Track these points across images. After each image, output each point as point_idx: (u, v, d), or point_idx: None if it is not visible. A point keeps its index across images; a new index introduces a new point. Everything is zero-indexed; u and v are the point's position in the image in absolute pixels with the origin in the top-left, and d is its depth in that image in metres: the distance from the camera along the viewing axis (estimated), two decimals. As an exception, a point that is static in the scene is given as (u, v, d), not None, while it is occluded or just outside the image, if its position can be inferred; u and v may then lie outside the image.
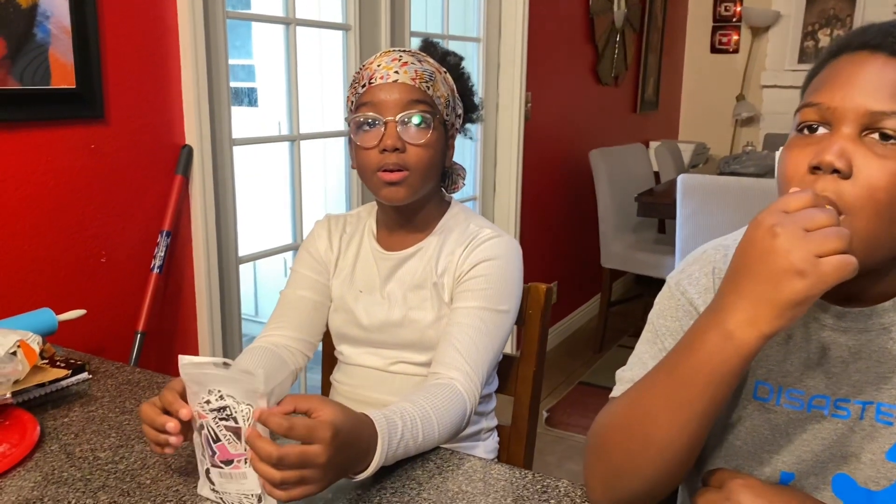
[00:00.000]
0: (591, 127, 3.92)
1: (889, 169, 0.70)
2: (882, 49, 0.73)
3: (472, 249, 1.18)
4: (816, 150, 0.72)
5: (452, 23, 2.89)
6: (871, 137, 0.72)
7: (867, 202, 0.70)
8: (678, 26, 4.97)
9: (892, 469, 0.78)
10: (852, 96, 0.72)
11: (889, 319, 0.78)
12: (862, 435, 0.79)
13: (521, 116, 3.15)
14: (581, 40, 3.68)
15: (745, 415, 0.85)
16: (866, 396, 0.79)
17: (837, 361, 0.80)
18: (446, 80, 1.20)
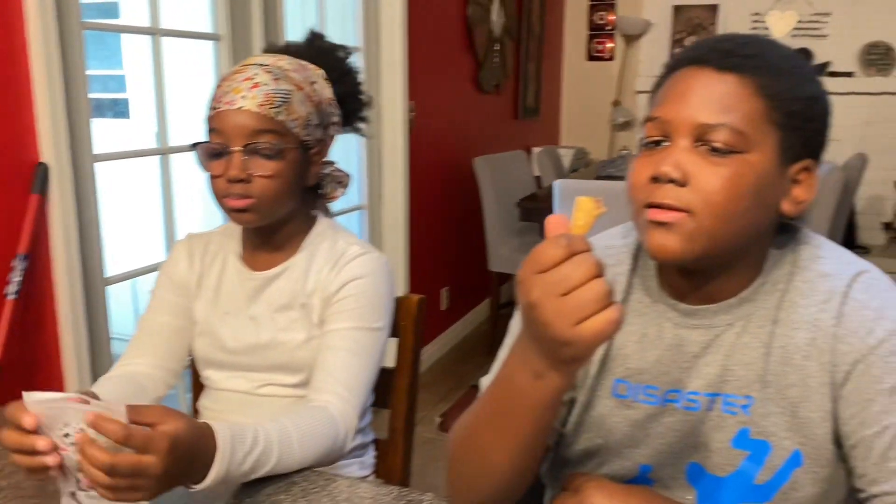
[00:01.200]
0: (475, 134, 3.97)
1: (721, 174, 0.75)
2: (710, 64, 0.78)
3: (340, 269, 1.16)
4: (656, 162, 0.77)
5: (330, 30, 2.85)
6: (704, 148, 0.76)
7: (705, 205, 0.75)
8: (555, 35, 5.12)
9: (736, 456, 0.83)
10: (684, 110, 0.77)
11: (734, 315, 0.83)
12: (711, 425, 0.84)
13: (405, 125, 3.16)
14: (461, 49, 3.73)
15: (606, 413, 0.89)
16: (714, 389, 0.83)
17: (689, 356, 0.85)
18: (311, 95, 1.14)
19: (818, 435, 0.80)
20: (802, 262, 0.83)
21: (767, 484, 0.81)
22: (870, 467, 0.76)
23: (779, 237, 0.86)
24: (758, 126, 0.76)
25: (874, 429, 0.76)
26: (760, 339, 0.82)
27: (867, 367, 0.77)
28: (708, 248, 0.76)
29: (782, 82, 0.78)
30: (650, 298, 0.88)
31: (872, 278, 0.81)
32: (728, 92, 0.76)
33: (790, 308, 0.82)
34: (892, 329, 0.77)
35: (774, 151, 0.78)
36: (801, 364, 0.80)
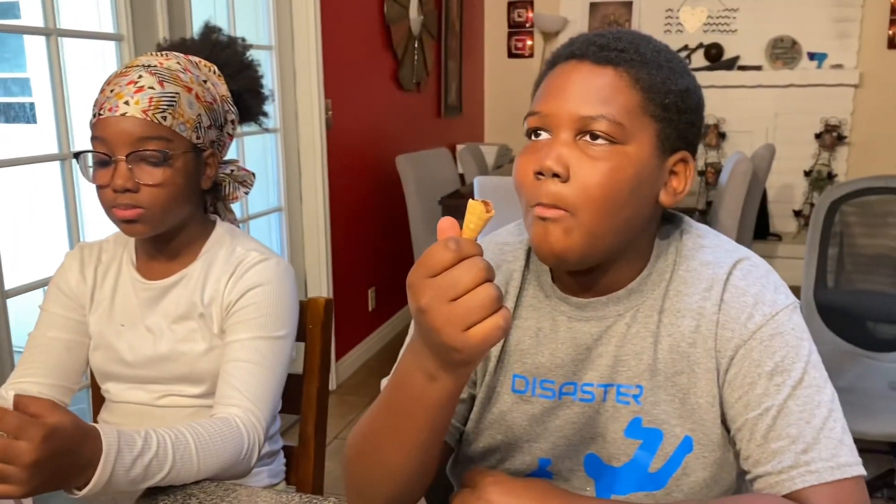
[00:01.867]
0: (397, 133, 3.95)
1: (600, 169, 0.76)
2: (587, 58, 0.79)
3: (238, 277, 1.12)
4: (539, 157, 0.78)
5: (241, 29, 2.80)
6: (584, 140, 0.77)
7: (586, 201, 0.76)
8: (475, 32, 5.14)
9: (629, 445, 0.84)
10: (565, 103, 0.78)
11: (623, 306, 0.85)
12: (606, 416, 0.85)
13: (323, 124, 3.12)
14: (379, 47, 3.70)
15: (506, 409, 0.89)
16: (607, 380, 0.84)
17: (582, 349, 0.85)
18: (202, 96, 1.10)
19: (707, 420, 0.81)
20: (686, 252, 0.85)
21: (661, 471, 0.83)
22: (753, 449, 0.77)
23: (663, 228, 0.87)
24: (635, 118, 0.78)
25: (756, 411, 0.77)
26: (649, 328, 0.84)
27: (748, 352, 0.79)
28: (590, 244, 0.77)
29: (657, 75, 0.79)
30: (543, 293, 0.89)
31: (751, 265, 0.83)
32: (606, 84, 0.78)
33: (675, 297, 0.83)
34: (770, 313, 0.79)
35: (651, 143, 0.79)
36: (687, 351, 0.82)
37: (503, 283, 0.90)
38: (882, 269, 2.39)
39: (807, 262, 2.45)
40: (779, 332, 0.79)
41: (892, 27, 4.48)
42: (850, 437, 0.77)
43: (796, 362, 0.78)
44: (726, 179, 3.31)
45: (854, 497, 0.74)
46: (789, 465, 0.75)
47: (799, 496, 0.74)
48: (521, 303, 0.90)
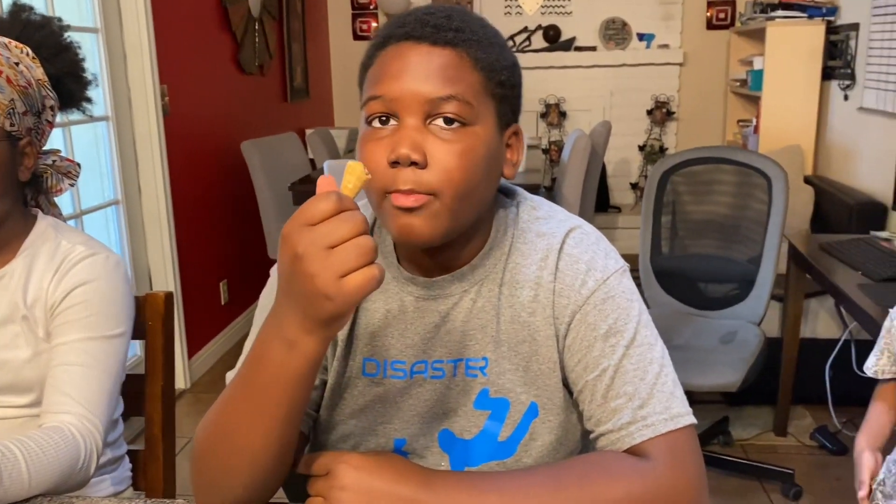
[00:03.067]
0: (241, 118, 3.82)
1: (457, 152, 0.76)
2: (424, 39, 0.78)
3: (63, 275, 1.04)
4: (391, 144, 0.75)
5: (60, 10, 2.59)
6: (435, 124, 0.76)
7: (446, 185, 0.76)
8: (319, 14, 5.05)
9: (479, 417, 0.85)
10: (410, 86, 0.76)
11: (468, 282, 0.86)
12: (456, 391, 0.86)
13: (159, 111, 2.95)
14: (217, 29, 3.55)
15: (357, 393, 0.88)
16: (456, 355, 0.86)
17: (431, 327, 0.86)
18: (14, 79, 1.01)
19: (549, 385, 0.84)
20: (522, 224, 0.88)
21: (510, 438, 0.85)
22: (594, 409, 0.81)
23: (500, 202, 0.89)
24: (479, 98, 0.78)
25: (595, 373, 0.81)
26: (491, 301, 0.85)
27: (583, 317, 0.82)
28: (452, 226, 0.78)
29: (491, 54, 0.80)
30: (390, 274, 0.88)
31: (583, 233, 0.86)
32: (449, 65, 0.77)
33: (514, 269, 0.86)
34: (602, 278, 0.83)
35: (493, 121, 0.80)
36: (527, 321, 0.84)
37: None
38: (709, 233, 2.59)
39: (642, 231, 2.60)
40: (610, 296, 0.82)
41: (709, 9, 4.83)
42: (681, 389, 0.82)
43: (628, 323, 0.81)
44: (568, 156, 3.45)
45: (687, 444, 0.78)
46: (627, 422, 0.78)
47: (638, 449, 0.78)
48: None
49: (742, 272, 2.45)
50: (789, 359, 2.59)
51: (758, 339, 2.28)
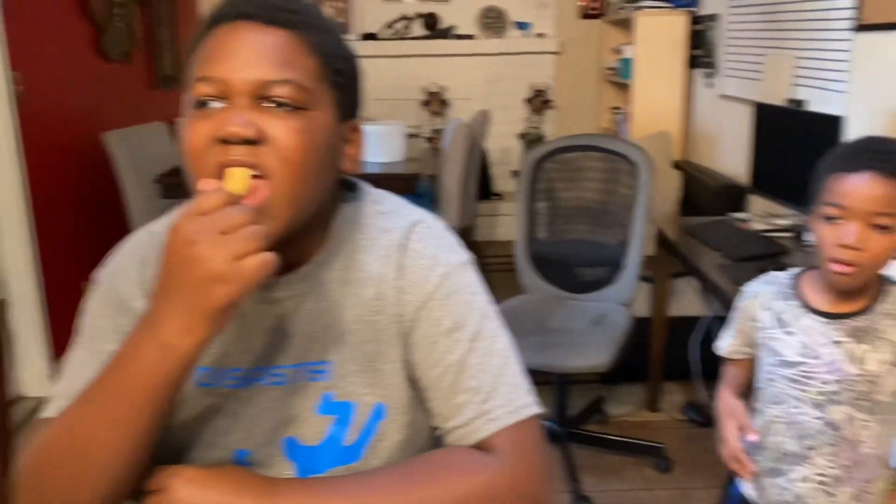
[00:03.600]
0: (104, 108, 3.61)
1: (296, 128, 0.72)
2: (258, 19, 0.74)
3: None
4: (220, 122, 0.71)
5: None
6: (266, 106, 0.73)
7: (284, 165, 0.72)
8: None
9: (323, 422, 0.82)
10: (243, 67, 0.72)
11: (310, 282, 0.82)
12: (298, 397, 0.82)
13: (10, 100, 2.75)
14: (75, 13, 3.33)
15: (194, 404, 0.83)
16: (297, 359, 0.82)
17: (270, 332, 0.82)
18: None
19: (395, 384, 0.82)
20: (365, 220, 0.85)
21: (356, 442, 0.82)
22: (441, 405, 0.80)
23: (342, 196, 0.86)
24: (316, 83, 0.75)
25: (440, 369, 0.80)
26: (332, 301, 0.82)
27: (428, 313, 0.81)
28: (291, 216, 0.74)
29: (329, 40, 0.77)
30: None
31: (427, 227, 0.85)
32: (284, 47, 0.74)
33: (357, 267, 0.83)
34: (446, 273, 0.82)
35: (332, 110, 0.77)
36: (372, 320, 0.82)
37: None
38: (582, 218, 2.66)
39: (517, 218, 2.65)
40: (454, 291, 0.81)
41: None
42: (525, 380, 0.82)
43: (472, 317, 0.81)
44: (447, 146, 3.46)
45: (531, 434, 0.79)
46: (473, 417, 0.78)
47: (484, 444, 0.77)
48: None
49: (612, 256, 2.53)
50: (658, 337, 2.71)
51: (627, 319, 2.36)
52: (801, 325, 1.26)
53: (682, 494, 2.30)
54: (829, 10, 2.65)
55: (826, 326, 1.24)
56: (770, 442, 1.29)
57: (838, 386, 1.22)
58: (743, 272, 1.98)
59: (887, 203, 1.13)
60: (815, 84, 2.75)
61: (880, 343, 1.20)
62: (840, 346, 1.22)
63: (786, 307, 1.29)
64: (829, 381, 1.22)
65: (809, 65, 2.78)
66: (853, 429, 1.22)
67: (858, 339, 1.21)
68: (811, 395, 1.24)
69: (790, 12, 2.92)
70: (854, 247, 1.15)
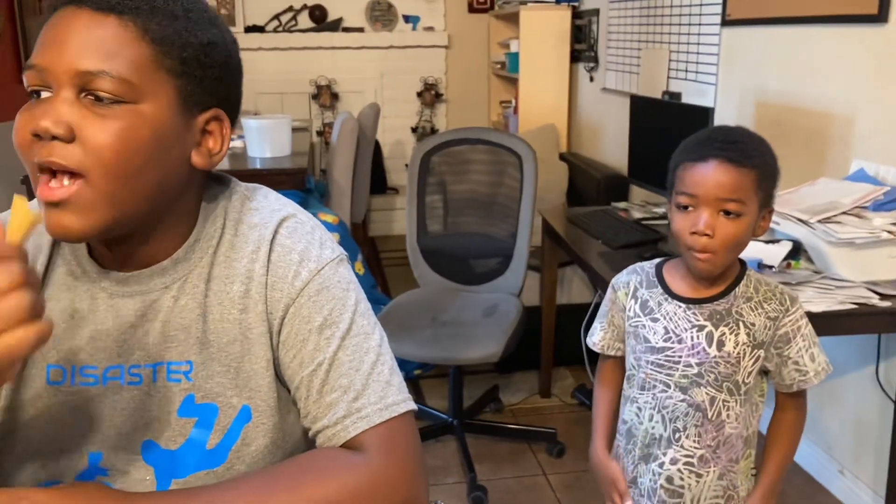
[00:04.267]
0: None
1: (110, 128, 0.70)
2: (86, 4, 0.71)
3: None
4: (35, 116, 0.69)
5: None
6: (88, 99, 0.70)
7: (97, 164, 0.69)
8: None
9: (185, 425, 0.80)
10: (63, 57, 0.69)
11: (169, 278, 0.80)
12: (157, 398, 0.79)
13: None
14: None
15: (42, 404, 0.79)
16: (156, 358, 0.79)
17: (126, 328, 0.79)
18: None
19: (263, 386, 0.80)
20: (234, 215, 0.83)
21: (219, 446, 0.80)
22: (311, 405, 0.78)
23: (211, 191, 0.84)
24: (147, 74, 0.71)
25: (310, 367, 0.78)
26: (196, 299, 0.79)
27: (298, 310, 0.79)
28: (111, 215, 0.71)
29: (172, 27, 0.73)
30: (81, 269, 0.80)
31: (297, 222, 0.83)
32: (108, 36, 0.70)
33: (224, 263, 0.80)
34: (315, 269, 0.80)
35: (172, 101, 0.74)
36: (238, 318, 0.79)
37: (33, 255, 0.80)
38: (471, 211, 2.68)
39: (408, 211, 2.64)
40: (325, 287, 0.80)
41: (470, -7, 5.00)
42: (399, 377, 0.82)
43: (343, 313, 0.79)
44: (336, 139, 3.42)
45: (402, 432, 0.78)
46: (343, 415, 0.76)
47: (354, 443, 0.76)
48: (51, 281, 0.80)
49: (502, 247, 2.57)
50: (548, 325, 2.77)
51: (517, 309, 2.40)
52: (664, 311, 1.30)
53: (575, 477, 2.36)
54: (700, 5, 2.78)
55: (687, 311, 1.28)
56: (641, 429, 1.33)
57: (700, 368, 1.26)
58: (622, 259, 2.05)
59: (733, 189, 1.18)
60: (688, 77, 2.88)
61: (738, 325, 1.26)
62: (701, 330, 1.27)
63: (650, 295, 1.33)
64: (692, 363, 1.27)
65: (683, 59, 2.91)
66: (716, 409, 1.27)
67: (717, 322, 1.26)
68: (675, 379, 1.28)
69: (665, 7, 3.05)
70: (705, 233, 1.19)
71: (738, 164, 1.18)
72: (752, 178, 1.19)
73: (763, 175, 1.21)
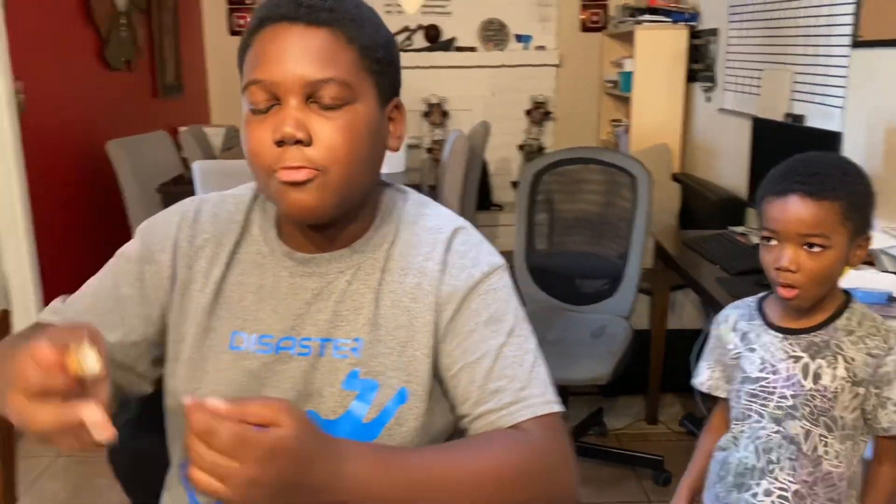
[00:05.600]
0: (107, 116, 3.63)
1: (339, 128, 0.79)
2: (299, 20, 0.79)
3: None
4: (275, 124, 0.77)
5: None
6: (315, 105, 0.79)
7: (332, 161, 0.78)
8: (192, 8, 4.86)
9: (346, 397, 0.86)
10: (290, 69, 0.78)
11: (345, 264, 0.88)
12: (323, 371, 0.86)
13: (12, 109, 2.76)
14: (79, 23, 3.36)
15: (223, 367, 0.87)
16: (325, 334, 0.86)
17: (302, 304, 0.87)
18: None
19: (421, 371, 0.86)
20: (409, 218, 0.92)
21: (374, 421, 0.85)
22: (474, 390, 0.84)
23: (387, 195, 0.93)
24: (357, 76, 0.81)
25: (475, 356, 0.84)
26: (369, 285, 0.87)
27: (468, 304, 0.86)
28: (340, 199, 0.81)
29: (366, 31, 0.82)
30: (268, 248, 0.90)
31: (468, 233, 0.92)
32: (325, 46, 0.79)
33: (399, 258, 0.89)
34: (487, 272, 0.88)
35: (373, 97, 0.83)
36: (408, 307, 0.87)
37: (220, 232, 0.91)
38: (581, 230, 2.67)
39: (517, 229, 2.66)
40: (493, 289, 0.88)
41: (583, 12, 4.98)
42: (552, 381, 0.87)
43: (508, 314, 0.87)
44: (447, 156, 3.48)
45: (560, 426, 0.83)
46: (509, 402, 0.82)
47: (519, 428, 0.81)
48: (241, 258, 0.90)
49: (611, 268, 2.54)
50: (657, 350, 2.72)
51: (626, 332, 2.37)
52: (761, 341, 1.28)
53: (680, 507, 2.30)
54: (827, 25, 2.67)
55: (784, 342, 1.25)
56: (735, 457, 1.30)
57: (795, 400, 1.23)
58: (740, 285, 1.99)
59: (815, 224, 1.15)
60: (813, 99, 2.77)
61: (836, 359, 1.21)
62: (797, 362, 1.23)
63: (750, 326, 1.31)
64: (787, 395, 1.24)
65: (808, 80, 2.80)
66: (812, 444, 1.23)
67: (815, 354, 1.22)
68: (770, 410, 1.25)
69: (789, 28, 2.95)
70: (788, 268, 1.17)
71: (818, 197, 1.15)
72: (836, 211, 1.15)
73: (851, 205, 1.17)
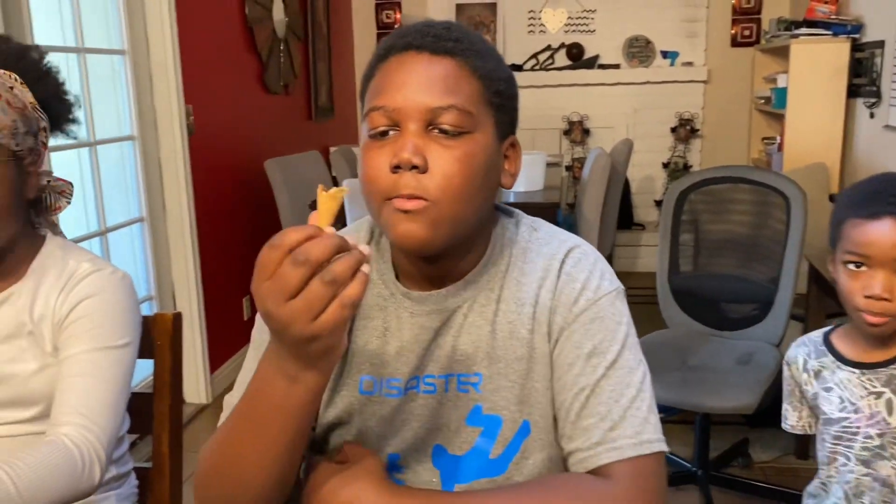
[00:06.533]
0: (265, 137, 3.88)
1: (456, 157, 0.78)
2: (425, 49, 0.80)
3: (69, 291, 1.07)
4: (393, 150, 0.77)
5: (89, 34, 2.67)
6: (435, 133, 0.78)
7: (446, 191, 0.77)
8: (344, 34, 5.11)
9: (471, 433, 0.86)
10: (412, 95, 0.78)
11: (461, 297, 0.86)
12: (448, 406, 0.86)
13: (184, 130, 3.01)
14: (242, 50, 3.62)
15: (354, 412, 0.89)
16: (447, 370, 0.86)
17: (424, 343, 0.86)
18: (12, 102, 1.05)
19: (542, 403, 0.84)
20: (523, 244, 0.89)
21: (502, 456, 0.85)
22: (567, 426, 0.82)
23: (499, 220, 0.90)
24: (478, 106, 0.80)
25: (573, 391, 0.81)
26: (486, 317, 0.86)
27: (570, 335, 0.83)
28: (451, 232, 0.79)
29: (489, 64, 0.82)
30: (388, 291, 0.89)
31: (581, 252, 0.87)
32: (448, 75, 0.79)
33: (513, 286, 0.86)
34: (593, 298, 0.84)
35: (492, 130, 0.82)
36: (525, 338, 0.85)
37: None
38: (729, 252, 2.56)
39: (660, 250, 2.59)
40: (599, 317, 0.83)
41: (734, 26, 4.80)
42: (656, 416, 0.82)
43: (612, 345, 0.82)
44: (588, 174, 3.45)
45: (652, 470, 0.78)
46: (596, 442, 0.79)
47: (603, 471, 0.78)
48: (364, 303, 0.89)
49: (761, 293, 2.42)
50: (810, 381, 2.55)
51: (775, 360, 2.24)
52: (837, 378, 1.20)
53: (835, 551, 2.14)
54: None
55: (862, 378, 1.17)
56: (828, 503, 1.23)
57: (882, 439, 1.14)
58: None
59: None
60: None
61: None
62: (879, 398, 1.14)
63: (821, 364, 1.22)
64: (872, 434, 1.15)
65: None
66: None
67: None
68: (856, 452, 1.17)
69: (968, 36, 2.70)
70: (882, 297, 1.08)
71: None
72: None
73: None
